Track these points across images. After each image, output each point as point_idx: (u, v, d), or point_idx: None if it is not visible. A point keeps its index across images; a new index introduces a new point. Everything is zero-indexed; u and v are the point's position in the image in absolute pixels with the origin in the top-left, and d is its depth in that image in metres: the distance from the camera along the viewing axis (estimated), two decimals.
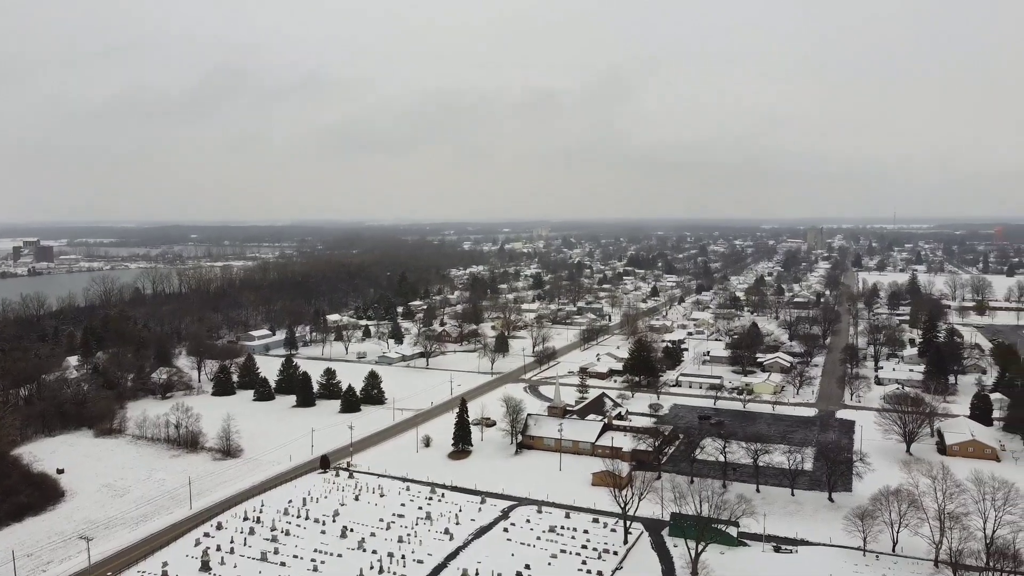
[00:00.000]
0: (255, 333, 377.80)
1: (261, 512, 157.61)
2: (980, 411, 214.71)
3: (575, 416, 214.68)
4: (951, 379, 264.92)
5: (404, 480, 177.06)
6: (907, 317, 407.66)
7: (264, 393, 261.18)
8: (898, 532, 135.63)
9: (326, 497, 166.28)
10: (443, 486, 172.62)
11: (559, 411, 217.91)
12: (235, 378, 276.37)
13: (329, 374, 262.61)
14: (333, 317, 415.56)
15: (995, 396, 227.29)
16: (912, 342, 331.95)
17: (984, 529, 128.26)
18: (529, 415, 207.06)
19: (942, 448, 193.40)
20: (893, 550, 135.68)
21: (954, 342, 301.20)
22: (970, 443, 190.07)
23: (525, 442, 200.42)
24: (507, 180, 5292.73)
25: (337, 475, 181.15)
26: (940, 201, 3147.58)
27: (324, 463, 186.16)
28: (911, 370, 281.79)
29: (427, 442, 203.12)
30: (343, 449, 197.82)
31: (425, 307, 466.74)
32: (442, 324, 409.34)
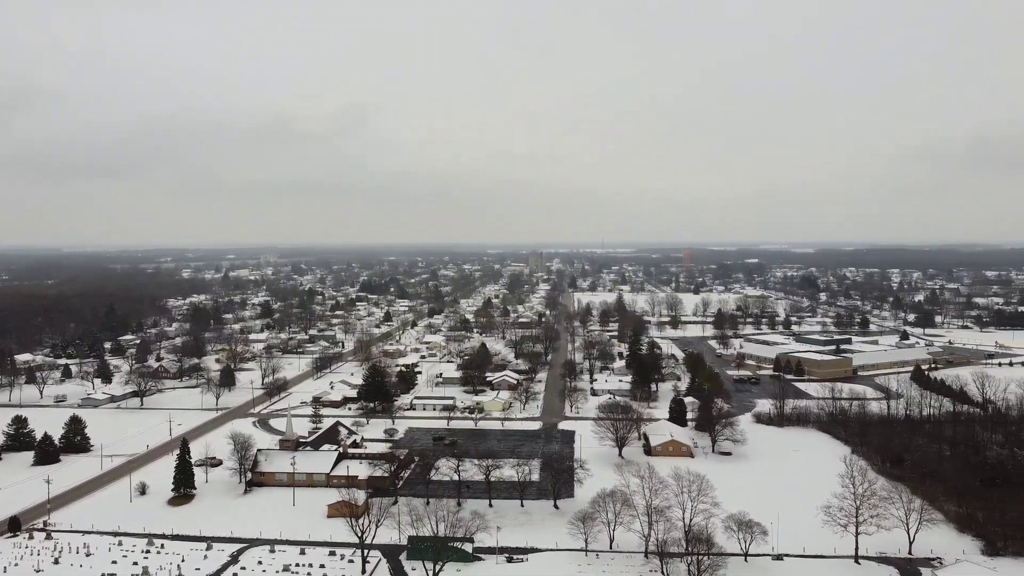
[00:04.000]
0: None
1: None
2: (677, 414, 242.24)
3: (309, 448, 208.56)
4: (653, 387, 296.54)
5: (115, 534, 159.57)
6: (616, 333, 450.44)
7: None
8: (614, 530, 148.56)
9: (16, 564, 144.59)
10: (162, 536, 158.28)
11: (292, 444, 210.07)
12: None
13: (19, 422, 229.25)
14: (24, 357, 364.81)
15: (688, 400, 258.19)
16: (621, 355, 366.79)
17: (683, 519, 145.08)
18: (259, 450, 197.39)
19: (648, 449, 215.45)
20: (610, 547, 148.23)
21: (654, 354, 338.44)
22: (670, 443, 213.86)
23: (256, 479, 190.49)
24: (234, 206, 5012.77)
25: (31, 537, 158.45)
26: (640, 228, 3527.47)
27: (14, 525, 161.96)
28: (621, 380, 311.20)
29: (143, 489, 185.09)
30: (39, 507, 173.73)
31: (138, 342, 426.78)
32: (159, 359, 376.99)
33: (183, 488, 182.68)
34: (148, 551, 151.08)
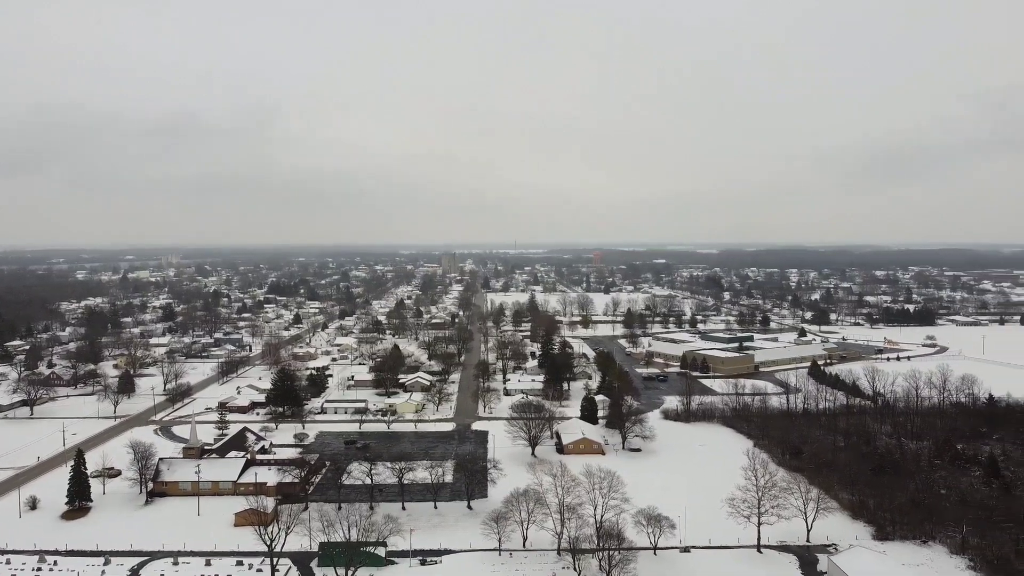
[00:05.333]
0: None
1: None
2: (588, 412, 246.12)
3: (215, 455, 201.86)
4: (565, 386, 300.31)
5: (3, 552, 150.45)
6: (529, 333, 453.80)
7: None
8: (527, 529, 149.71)
9: None
10: (55, 552, 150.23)
11: (196, 451, 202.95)
12: None
13: None
14: None
15: (599, 398, 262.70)
16: (533, 355, 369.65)
17: (595, 515, 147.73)
18: (161, 459, 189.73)
19: (560, 448, 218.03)
20: (524, 546, 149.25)
21: (566, 353, 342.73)
22: (581, 441, 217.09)
23: (157, 489, 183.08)
24: (133, 204, 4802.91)
25: None
26: (552, 229, 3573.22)
27: None
28: (533, 380, 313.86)
29: (33, 504, 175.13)
30: None
31: (28, 347, 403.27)
32: (51, 366, 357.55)
33: (78, 501, 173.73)
34: (39, 568, 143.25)
